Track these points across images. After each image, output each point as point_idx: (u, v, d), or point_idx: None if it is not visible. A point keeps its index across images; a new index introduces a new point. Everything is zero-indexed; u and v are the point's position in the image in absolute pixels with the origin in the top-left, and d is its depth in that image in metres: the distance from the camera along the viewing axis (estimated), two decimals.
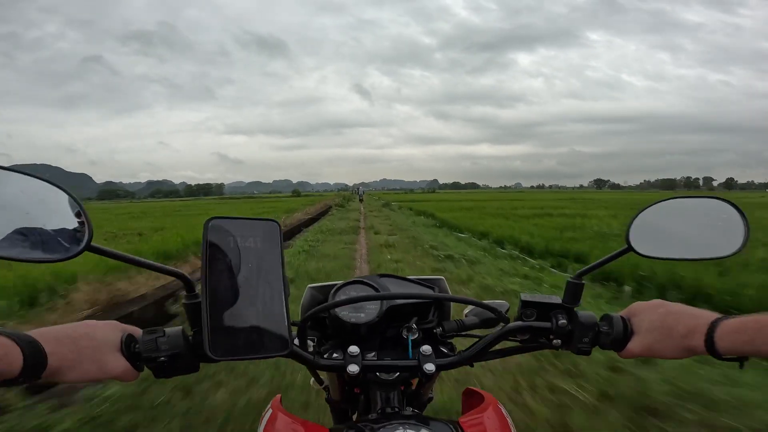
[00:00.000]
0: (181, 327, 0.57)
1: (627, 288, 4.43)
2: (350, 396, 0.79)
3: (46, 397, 2.20)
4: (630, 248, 0.60)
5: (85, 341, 0.49)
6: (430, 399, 0.89)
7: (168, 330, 0.56)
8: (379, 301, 0.72)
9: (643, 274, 4.62)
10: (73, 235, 0.49)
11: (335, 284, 0.78)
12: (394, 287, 0.79)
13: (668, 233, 0.61)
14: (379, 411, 0.66)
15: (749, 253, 5.15)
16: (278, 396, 0.74)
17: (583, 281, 0.64)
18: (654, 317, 0.56)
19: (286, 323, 0.53)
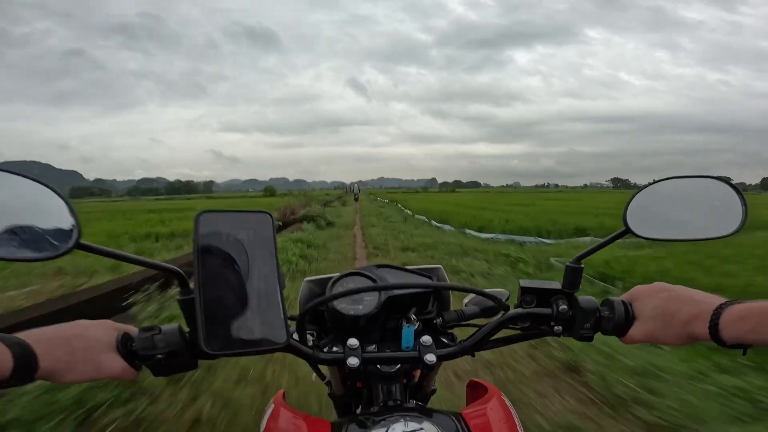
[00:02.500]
0: (177, 324, 0.58)
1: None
2: (353, 390, 0.79)
3: None
4: (628, 230, 0.61)
5: (78, 342, 0.50)
6: (434, 391, 0.89)
7: (164, 327, 0.57)
8: (377, 293, 0.72)
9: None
10: (62, 234, 0.50)
11: (332, 276, 0.78)
12: (391, 277, 0.79)
13: (666, 214, 0.61)
14: (382, 404, 0.66)
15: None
16: (281, 391, 0.75)
17: (582, 265, 0.64)
18: (656, 302, 0.56)
19: (283, 317, 0.53)
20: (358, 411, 0.81)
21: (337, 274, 0.78)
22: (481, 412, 0.63)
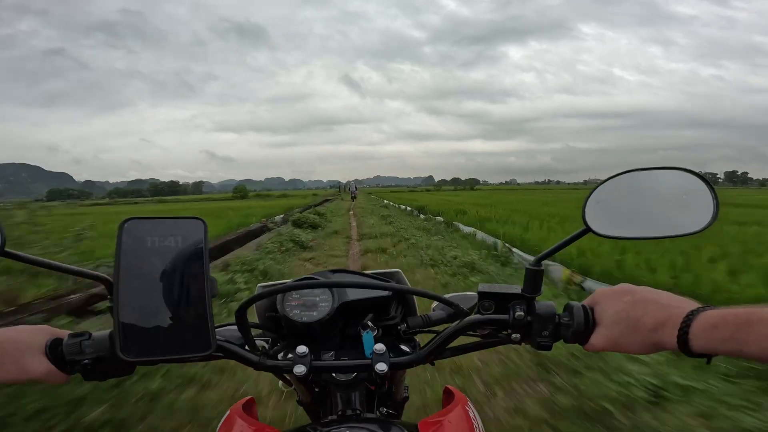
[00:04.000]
0: (109, 330, 0.58)
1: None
2: (321, 397, 0.78)
3: None
4: (588, 229, 0.57)
5: (8, 344, 0.53)
6: (406, 398, 0.89)
7: (95, 333, 0.58)
8: (331, 298, 0.71)
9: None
10: None
11: (285, 282, 0.76)
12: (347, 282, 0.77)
13: (629, 210, 0.57)
14: (340, 413, 0.65)
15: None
16: (246, 399, 0.74)
17: (542, 267, 0.61)
18: (619, 306, 0.52)
19: (209, 322, 0.52)
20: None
21: (291, 280, 0.77)
22: (439, 422, 0.62)
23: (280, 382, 0.87)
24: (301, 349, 0.63)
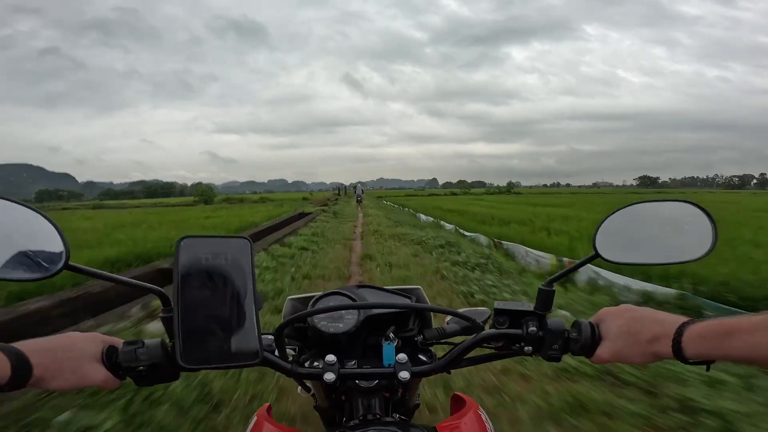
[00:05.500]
0: (160, 339, 0.63)
1: None
2: (338, 403, 0.83)
3: None
4: (597, 254, 0.63)
5: (65, 353, 0.56)
6: (417, 405, 0.94)
7: (147, 341, 0.62)
8: (356, 311, 0.76)
9: None
10: (52, 255, 0.56)
11: (314, 295, 0.83)
12: (371, 297, 0.83)
13: (636, 238, 0.63)
14: (361, 417, 0.71)
15: None
16: (266, 405, 0.79)
17: (554, 288, 0.68)
18: (621, 322, 0.59)
19: (257, 334, 0.58)
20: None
21: (319, 293, 0.83)
22: (456, 425, 0.67)
23: (299, 387, 0.92)
24: (330, 358, 0.68)
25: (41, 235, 0.56)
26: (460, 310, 0.78)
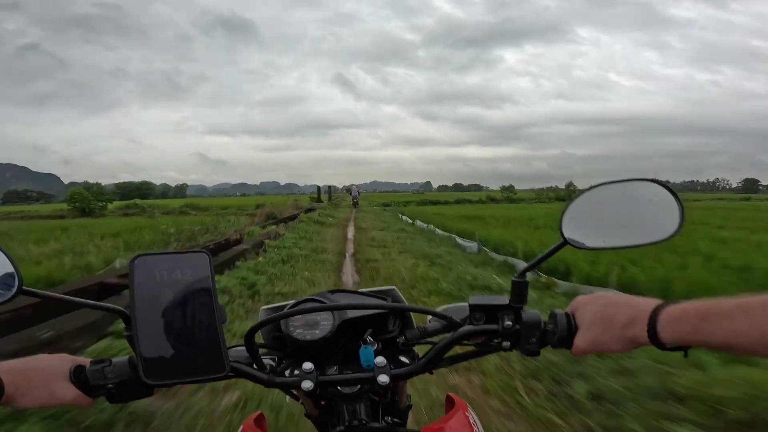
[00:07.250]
0: (128, 356, 0.64)
1: None
2: (327, 410, 0.82)
3: None
4: (566, 242, 0.62)
5: (35, 372, 0.58)
6: (410, 407, 0.93)
7: (115, 360, 0.64)
8: (331, 317, 0.75)
9: None
10: (5, 280, 0.57)
11: (288, 303, 0.81)
12: (345, 302, 0.81)
13: (602, 222, 0.61)
14: (347, 423, 0.69)
15: None
16: (256, 414, 0.78)
17: (527, 279, 0.66)
18: (595, 309, 0.58)
19: (221, 346, 0.58)
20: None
21: (292, 302, 0.81)
22: (442, 428, 0.66)
23: (288, 397, 0.90)
24: (307, 365, 0.67)
25: None
26: (441, 307, 0.77)
